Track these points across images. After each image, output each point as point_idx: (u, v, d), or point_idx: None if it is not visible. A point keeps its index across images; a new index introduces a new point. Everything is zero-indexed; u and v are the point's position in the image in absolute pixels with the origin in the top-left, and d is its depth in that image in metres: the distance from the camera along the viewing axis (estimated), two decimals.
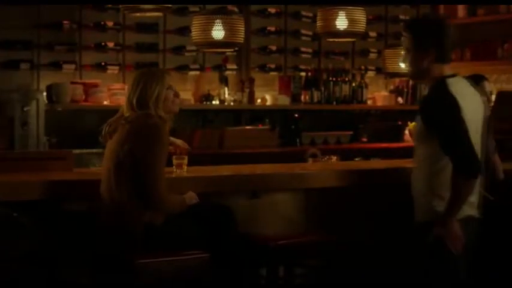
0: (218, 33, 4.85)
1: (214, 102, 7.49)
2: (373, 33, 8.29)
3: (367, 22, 5.59)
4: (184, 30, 7.17)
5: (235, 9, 4.98)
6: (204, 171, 4.38)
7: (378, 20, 8.39)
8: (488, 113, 3.56)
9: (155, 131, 3.64)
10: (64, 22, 6.79)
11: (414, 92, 8.48)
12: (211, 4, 4.99)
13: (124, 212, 3.62)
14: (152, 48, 7.27)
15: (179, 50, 7.35)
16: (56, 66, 6.81)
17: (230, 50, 6.21)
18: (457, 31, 3.62)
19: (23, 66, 6.66)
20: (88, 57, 6.98)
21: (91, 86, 6.84)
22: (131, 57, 7.16)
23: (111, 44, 7.03)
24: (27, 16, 6.65)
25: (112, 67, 7.05)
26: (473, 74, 4.50)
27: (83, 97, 6.79)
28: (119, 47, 7.08)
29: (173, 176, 4.03)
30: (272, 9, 7.80)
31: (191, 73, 7.46)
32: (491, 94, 4.45)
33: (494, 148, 4.45)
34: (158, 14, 5.44)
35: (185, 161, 4.19)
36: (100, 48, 7.00)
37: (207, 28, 4.87)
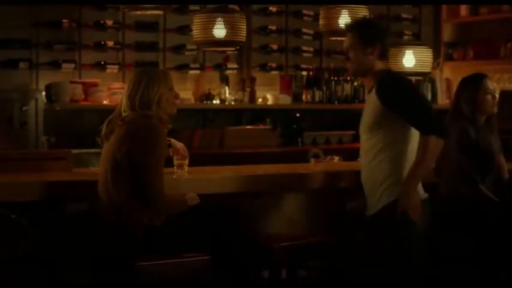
0: (220, 31, 4.81)
1: (214, 101, 7.47)
2: None
3: None
4: (184, 28, 7.16)
5: (236, 7, 4.93)
6: (206, 172, 4.36)
7: (380, 19, 8.34)
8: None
9: (153, 133, 3.61)
10: (63, 21, 6.77)
11: None
12: (211, 4, 4.95)
13: (123, 213, 3.59)
14: (152, 47, 7.24)
15: (179, 49, 7.33)
16: (55, 65, 6.79)
17: (232, 49, 6.18)
18: (460, 30, 3.84)
19: (22, 65, 6.64)
20: (87, 56, 6.96)
21: (90, 86, 6.82)
22: (131, 56, 7.13)
23: (110, 43, 7.01)
24: (26, 15, 6.62)
25: (112, 66, 7.03)
26: (475, 73, 4.48)
27: (83, 96, 6.77)
28: (119, 46, 7.05)
29: (174, 177, 4.01)
30: (273, 7, 7.78)
31: (191, 72, 7.44)
32: (494, 92, 4.41)
33: (499, 148, 4.41)
34: (158, 12, 5.39)
35: (186, 162, 4.17)
36: (99, 47, 6.98)
37: (208, 26, 4.82)
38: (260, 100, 7.77)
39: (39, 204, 3.69)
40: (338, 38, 5.89)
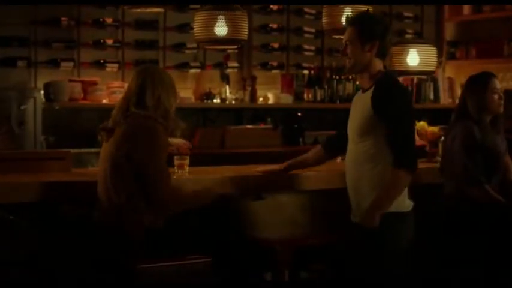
0: (221, 29, 4.78)
1: (215, 100, 7.44)
2: None
3: None
4: (184, 27, 7.14)
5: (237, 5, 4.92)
6: (206, 172, 4.34)
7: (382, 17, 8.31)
8: None
9: (153, 133, 3.60)
10: (62, 19, 6.73)
11: (419, 91, 8.40)
12: (211, 4, 4.93)
13: (123, 214, 3.57)
14: (152, 45, 7.21)
15: (179, 47, 7.30)
16: (54, 63, 6.75)
17: (233, 47, 6.15)
18: (462, 28, 3.75)
19: (20, 63, 6.61)
20: (86, 54, 6.92)
21: (89, 84, 6.79)
22: (130, 54, 7.10)
23: (110, 41, 6.97)
24: (24, 13, 6.59)
25: (111, 65, 7.00)
26: (482, 72, 4.43)
27: (81, 95, 6.73)
28: (118, 44, 7.02)
29: (175, 177, 3.97)
30: (274, 6, 7.75)
31: (192, 71, 7.41)
32: (501, 91, 4.37)
33: (505, 148, 4.36)
34: (159, 10, 5.36)
35: (187, 162, 4.16)
36: (99, 45, 6.94)
37: (210, 24, 4.80)
38: (261, 99, 7.75)
39: (37, 205, 3.67)
40: (341, 37, 5.86)
